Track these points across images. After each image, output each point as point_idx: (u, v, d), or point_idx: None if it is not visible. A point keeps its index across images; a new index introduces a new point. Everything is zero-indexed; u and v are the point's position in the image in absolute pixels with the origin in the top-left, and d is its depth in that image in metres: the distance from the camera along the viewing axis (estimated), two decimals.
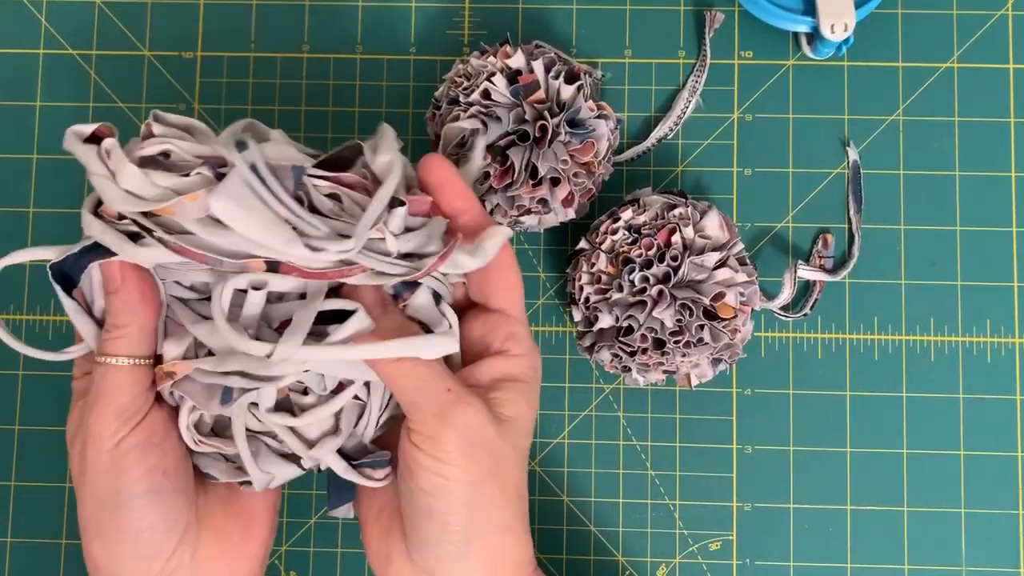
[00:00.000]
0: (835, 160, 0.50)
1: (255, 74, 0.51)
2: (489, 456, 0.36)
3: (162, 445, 0.36)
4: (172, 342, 0.36)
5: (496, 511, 0.36)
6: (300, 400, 0.37)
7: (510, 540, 0.37)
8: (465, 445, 0.35)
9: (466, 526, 0.35)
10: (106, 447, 0.35)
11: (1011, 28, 0.50)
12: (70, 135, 0.35)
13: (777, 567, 0.48)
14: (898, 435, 0.48)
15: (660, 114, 0.50)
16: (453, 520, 0.35)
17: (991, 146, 0.50)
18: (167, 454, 0.36)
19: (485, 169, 0.44)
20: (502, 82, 0.44)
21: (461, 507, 0.35)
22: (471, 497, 0.35)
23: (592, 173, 0.45)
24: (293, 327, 0.34)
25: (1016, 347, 0.49)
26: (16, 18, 0.52)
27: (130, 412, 0.35)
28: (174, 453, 0.36)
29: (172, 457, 0.36)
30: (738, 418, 0.49)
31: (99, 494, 0.35)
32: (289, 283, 0.35)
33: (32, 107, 0.51)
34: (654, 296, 0.43)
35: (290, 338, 0.34)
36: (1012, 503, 0.48)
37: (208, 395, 0.36)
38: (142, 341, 0.35)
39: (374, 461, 0.39)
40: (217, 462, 0.38)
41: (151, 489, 0.35)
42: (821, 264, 0.49)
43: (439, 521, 0.35)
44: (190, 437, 0.37)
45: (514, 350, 0.38)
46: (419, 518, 0.36)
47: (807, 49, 0.50)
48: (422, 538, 0.36)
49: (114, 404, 0.35)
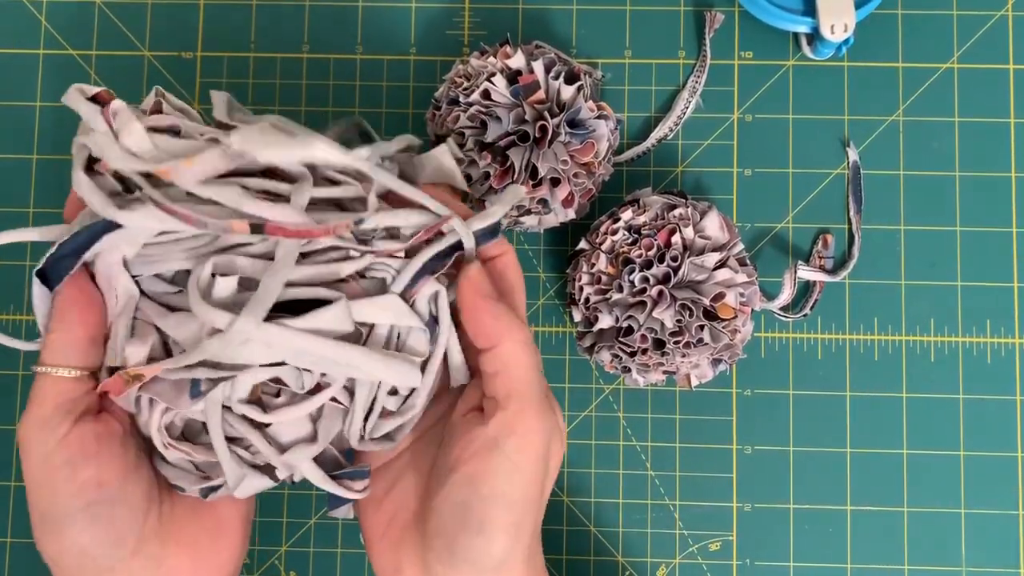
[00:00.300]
0: (835, 160, 0.50)
1: (255, 74, 0.51)
2: (546, 467, 0.35)
3: (97, 457, 0.34)
4: (135, 344, 0.34)
5: (533, 530, 0.36)
6: (273, 402, 0.35)
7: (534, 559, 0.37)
8: (545, 452, 0.34)
9: (511, 543, 0.34)
10: (35, 461, 0.34)
11: (1011, 28, 0.50)
12: (73, 91, 0.34)
13: (777, 567, 0.48)
14: (898, 435, 0.48)
15: (660, 114, 0.50)
16: (502, 535, 0.34)
17: (991, 146, 0.50)
18: (103, 467, 0.34)
19: (485, 169, 0.44)
20: (502, 82, 0.44)
21: (514, 523, 0.34)
22: (525, 514, 0.34)
23: (592, 173, 0.45)
24: (256, 297, 0.33)
25: (1016, 347, 0.49)
26: (16, 18, 0.52)
27: (55, 423, 0.34)
28: (114, 464, 0.34)
29: (111, 469, 0.34)
30: (738, 418, 0.49)
31: (40, 506, 0.34)
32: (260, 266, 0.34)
33: (32, 107, 0.51)
34: (654, 296, 0.43)
35: (253, 309, 0.32)
36: (1012, 503, 0.48)
37: (177, 391, 0.34)
38: (76, 351, 0.34)
39: (354, 472, 0.37)
40: (186, 473, 0.36)
41: (89, 503, 0.34)
42: (821, 264, 0.49)
43: (487, 535, 0.34)
44: (160, 441, 0.35)
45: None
46: (464, 529, 0.34)
47: (807, 49, 0.50)
48: (456, 551, 0.34)
49: (39, 415, 0.34)
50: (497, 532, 0.34)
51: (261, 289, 0.33)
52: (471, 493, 0.34)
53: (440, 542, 0.35)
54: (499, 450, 0.34)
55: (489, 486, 0.34)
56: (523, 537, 0.35)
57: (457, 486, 0.35)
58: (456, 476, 0.35)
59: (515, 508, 0.34)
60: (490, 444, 0.34)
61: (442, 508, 0.35)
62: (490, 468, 0.34)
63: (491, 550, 0.34)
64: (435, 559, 0.35)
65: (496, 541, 0.34)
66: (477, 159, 0.44)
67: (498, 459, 0.34)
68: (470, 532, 0.34)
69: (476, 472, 0.34)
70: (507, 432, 0.34)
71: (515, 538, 0.34)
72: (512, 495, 0.34)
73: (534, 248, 0.50)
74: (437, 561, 0.35)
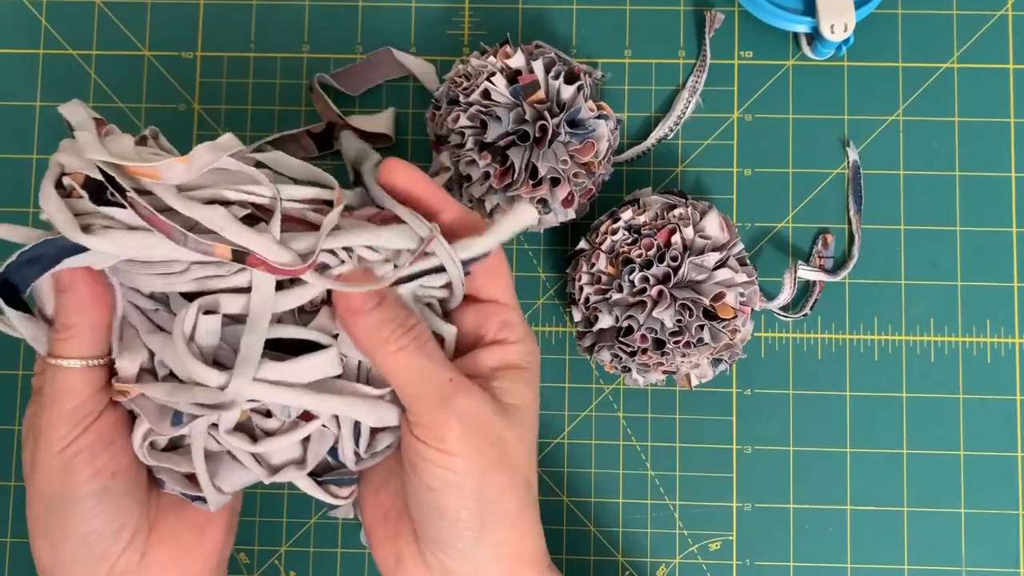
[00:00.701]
0: (835, 160, 0.50)
1: (255, 74, 0.51)
2: (494, 445, 0.35)
3: (113, 446, 0.35)
4: (126, 357, 0.34)
5: (505, 502, 0.36)
6: (263, 423, 0.36)
7: (524, 532, 0.37)
8: (469, 435, 0.34)
9: (477, 520, 0.35)
10: (56, 449, 0.34)
11: (1011, 28, 0.50)
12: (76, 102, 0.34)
13: (777, 567, 0.48)
14: (898, 435, 0.48)
15: (660, 114, 0.50)
16: (464, 515, 0.35)
17: (991, 146, 0.50)
18: (117, 455, 0.35)
19: (485, 169, 0.44)
20: (502, 82, 0.44)
21: (471, 500, 0.35)
22: (479, 489, 0.35)
23: (592, 173, 0.45)
24: (242, 358, 0.33)
25: (1016, 347, 0.49)
26: (16, 18, 0.52)
27: (81, 414, 0.34)
28: (125, 454, 0.35)
29: (123, 458, 0.35)
30: (738, 418, 0.49)
31: (48, 494, 0.35)
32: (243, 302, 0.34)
33: (32, 107, 0.51)
34: (654, 296, 0.43)
35: (241, 371, 0.33)
36: (1012, 503, 0.48)
37: (160, 415, 0.34)
38: (93, 342, 0.34)
39: (340, 479, 0.38)
40: (170, 471, 0.36)
41: (99, 490, 0.34)
42: (821, 264, 0.49)
43: (450, 518, 0.35)
44: (143, 452, 0.35)
45: (511, 337, 0.37)
46: (429, 517, 0.35)
47: (807, 49, 0.50)
48: (433, 537, 0.35)
49: (65, 407, 0.34)
50: (455, 513, 0.35)
51: (244, 348, 0.33)
52: (417, 484, 0.35)
53: (421, 531, 0.36)
54: (419, 443, 0.35)
55: (427, 475, 0.35)
56: (490, 510, 0.35)
57: (408, 478, 0.36)
58: (406, 469, 0.36)
59: (463, 487, 0.35)
60: (412, 440, 0.35)
61: (409, 501, 0.36)
62: (421, 458, 0.35)
63: (458, 529, 0.35)
64: (425, 547, 0.36)
65: (459, 521, 0.35)
66: (477, 159, 0.44)
67: (422, 451, 0.35)
68: (433, 518, 0.35)
69: (413, 463, 0.35)
70: (418, 430, 0.35)
71: (479, 513, 0.35)
72: (451, 478, 0.34)
73: (534, 248, 0.50)
74: (427, 549, 0.36)
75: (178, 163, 0.32)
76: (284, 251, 0.33)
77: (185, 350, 0.33)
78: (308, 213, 0.35)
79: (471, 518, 0.35)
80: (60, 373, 0.34)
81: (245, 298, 0.34)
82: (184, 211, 0.33)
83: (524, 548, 0.37)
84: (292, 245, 0.33)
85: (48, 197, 0.33)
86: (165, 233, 0.32)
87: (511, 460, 0.36)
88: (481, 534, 0.35)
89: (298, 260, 0.33)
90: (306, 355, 0.34)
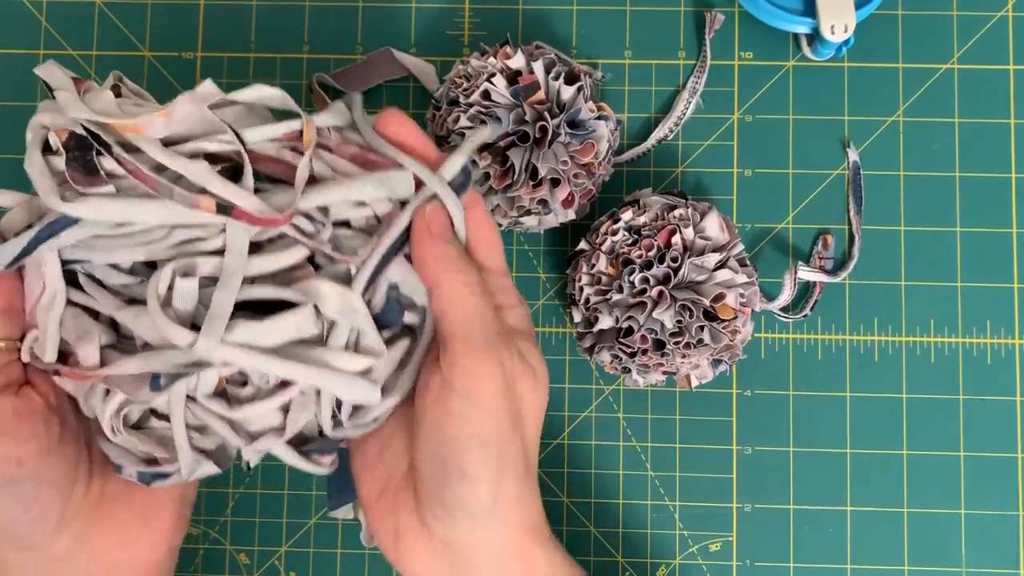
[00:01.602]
0: (835, 161, 0.50)
1: (255, 74, 0.51)
2: (516, 406, 0.34)
3: (16, 434, 0.33)
4: (84, 344, 0.33)
5: (520, 467, 0.35)
6: (238, 392, 0.34)
7: (531, 498, 0.36)
8: (503, 389, 0.33)
9: (495, 479, 0.34)
10: None
11: (1011, 29, 0.50)
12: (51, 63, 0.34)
13: (777, 568, 0.48)
14: (898, 436, 0.48)
15: (660, 115, 0.50)
16: (485, 474, 0.33)
17: (991, 147, 0.50)
18: (22, 443, 0.33)
19: (485, 170, 0.44)
20: (502, 83, 0.44)
21: (494, 458, 0.33)
22: (501, 447, 0.34)
23: (592, 174, 0.45)
24: (211, 315, 0.32)
25: (1016, 348, 0.49)
26: (16, 19, 0.52)
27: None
28: (33, 441, 0.33)
29: (30, 446, 0.33)
30: (738, 419, 0.49)
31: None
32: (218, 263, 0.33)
33: (32, 107, 0.51)
34: (654, 297, 0.43)
35: (210, 329, 0.32)
36: (1012, 504, 0.48)
37: (137, 384, 0.33)
38: (2, 325, 0.33)
39: (322, 447, 0.36)
40: (129, 454, 0.35)
41: (7, 480, 0.33)
42: (821, 265, 0.49)
43: (470, 476, 0.33)
44: (110, 426, 0.34)
45: (508, 302, 0.36)
46: (445, 474, 0.34)
47: (807, 50, 0.50)
48: (446, 500, 0.34)
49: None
50: (478, 472, 0.34)
51: (214, 306, 0.32)
52: (440, 439, 0.34)
53: (429, 496, 0.35)
54: (453, 390, 0.33)
55: (455, 428, 0.33)
56: (508, 473, 0.34)
57: (427, 434, 0.34)
58: (424, 424, 0.34)
59: (489, 445, 0.34)
60: (446, 386, 0.34)
61: (422, 461, 0.35)
62: (450, 410, 0.34)
63: (477, 491, 0.34)
64: (430, 515, 0.35)
65: (480, 481, 0.34)
66: (477, 159, 0.44)
67: (455, 400, 0.33)
68: (452, 478, 0.34)
69: (439, 417, 0.34)
70: (457, 372, 0.33)
71: (499, 474, 0.34)
72: (480, 433, 0.34)
73: (534, 248, 0.50)
74: (433, 517, 0.35)
75: (159, 117, 0.32)
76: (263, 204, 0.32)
77: (158, 309, 0.32)
78: (284, 152, 0.35)
79: (491, 476, 0.34)
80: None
81: (220, 260, 0.33)
82: (170, 165, 0.32)
83: (529, 515, 0.36)
84: (271, 201, 0.33)
85: (34, 162, 0.32)
86: (151, 187, 0.32)
87: (526, 427, 0.35)
88: (497, 495, 0.34)
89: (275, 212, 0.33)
90: (280, 313, 0.33)
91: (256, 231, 0.33)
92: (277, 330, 0.33)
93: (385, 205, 0.35)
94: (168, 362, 0.32)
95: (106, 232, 0.33)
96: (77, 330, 0.33)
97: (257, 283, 0.34)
